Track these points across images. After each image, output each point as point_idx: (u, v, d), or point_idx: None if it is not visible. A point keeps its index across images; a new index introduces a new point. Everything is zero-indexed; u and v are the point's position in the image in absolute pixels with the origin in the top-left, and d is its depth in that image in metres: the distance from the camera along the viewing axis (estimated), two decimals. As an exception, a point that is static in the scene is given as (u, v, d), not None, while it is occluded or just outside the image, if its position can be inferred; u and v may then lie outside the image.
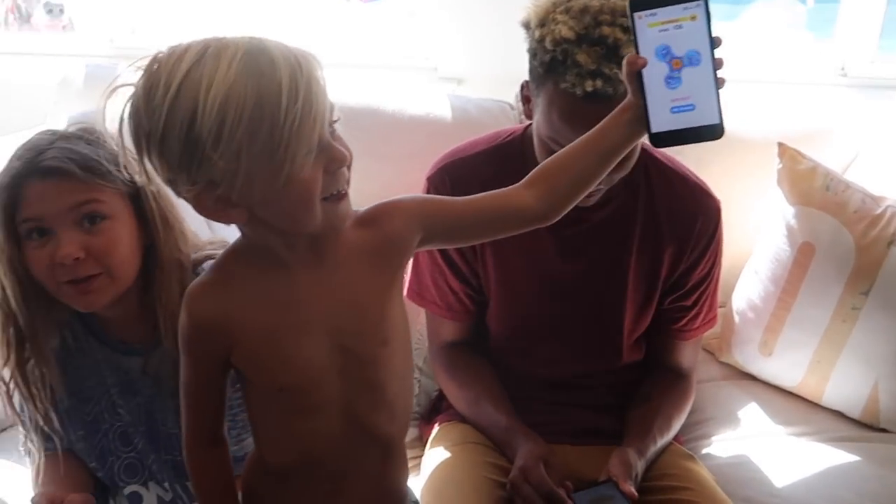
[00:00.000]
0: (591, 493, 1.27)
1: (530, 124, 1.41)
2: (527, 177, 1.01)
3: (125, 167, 0.93)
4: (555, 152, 1.04)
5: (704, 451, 1.54)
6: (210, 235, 1.32)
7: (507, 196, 1.00)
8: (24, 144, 1.15)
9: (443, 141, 1.67)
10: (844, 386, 1.63)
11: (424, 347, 1.69)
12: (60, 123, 1.59)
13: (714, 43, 0.94)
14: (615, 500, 1.25)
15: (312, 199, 0.87)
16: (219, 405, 1.01)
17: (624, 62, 0.96)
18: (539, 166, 1.02)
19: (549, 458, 1.31)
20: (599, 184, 1.24)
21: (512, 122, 1.79)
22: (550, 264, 1.41)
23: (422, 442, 1.62)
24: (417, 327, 1.68)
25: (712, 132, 0.96)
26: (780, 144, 1.68)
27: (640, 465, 1.32)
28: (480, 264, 1.44)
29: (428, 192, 1.43)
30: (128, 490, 1.30)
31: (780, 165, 1.68)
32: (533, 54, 1.27)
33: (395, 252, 0.99)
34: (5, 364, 1.20)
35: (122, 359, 1.26)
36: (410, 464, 1.42)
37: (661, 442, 1.41)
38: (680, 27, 0.94)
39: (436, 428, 1.54)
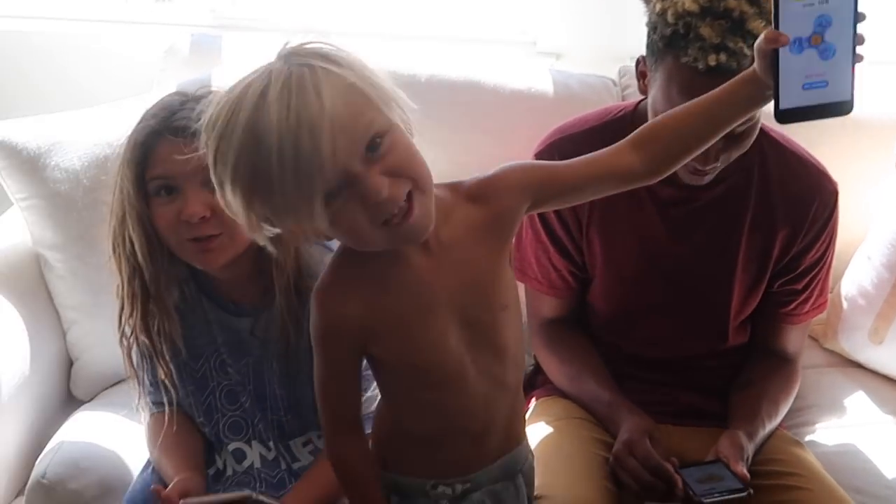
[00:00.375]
0: (699, 471, 1.25)
1: (641, 100, 1.39)
2: (632, 135, 1.00)
3: None
4: None
5: (808, 438, 1.51)
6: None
7: (612, 158, 1.00)
8: (157, 104, 1.20)
9: (544, 116, 1.66)
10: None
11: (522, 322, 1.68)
12: (167, 91, 1.63)
13: (858, 18, 0.91)
14: (725, 479, 1.23)
15: (360, 231, 0.87)
16: (356, 393, 1.02)
17: (761, 38, 0.92)
18: (646, 126, 1.00)
19: (654, 433, 1.30)
20: (715, 162, 1.24)
21: (615, 98, 1.76)
22: (659, 244, 1.39)
23: (516, 416, 1.63)
24: (515, 302, 1.68)
25: (840, 109, 0.92)
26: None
27: (749, 449, 1.30)
28: (585, 242, 1.43)
29: None
30: (232, 447, 1.34)
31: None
32: (653, 28, 1.25)
33: (506, 225, 0.99)
34: (130, 315, 1.24)
35: (233, 319, 1.29)
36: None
37: (769, 427, 1.38)
38: (826, 1, 0.90)
39: (533, 402, 1.54)
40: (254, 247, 1.20)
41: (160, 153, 1.16)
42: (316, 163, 0.81)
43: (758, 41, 0.92)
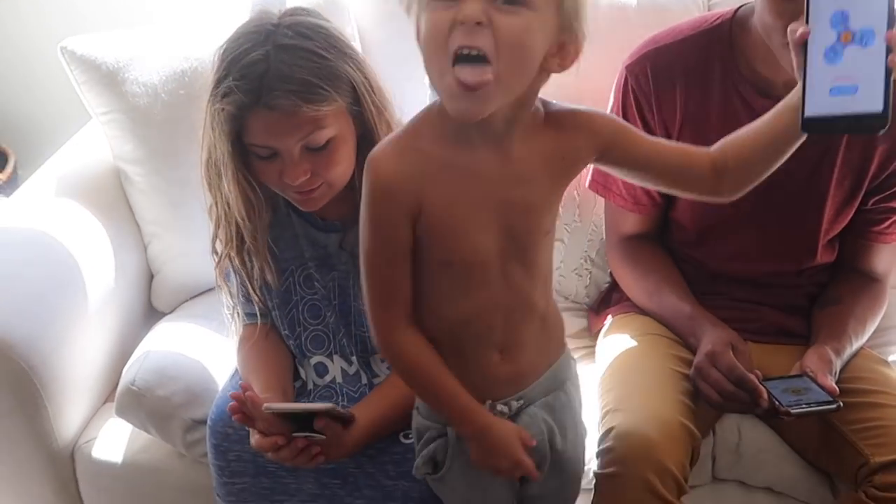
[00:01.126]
0: (785, 383, 1.24)
1: (741, 6, 1.33)
2: (716, 146, 1.00)
3: None
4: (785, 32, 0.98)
5: (892, 357, 1.47)
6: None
7: (693, 158, 1.00)
8: (236, 58, 1.12)
9: (626, 26, 1.62)
10: None
11: (598, 238, 1.67)
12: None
13: (892, 20, 0.84)
14: (812, 391, 1.22)
15: (432, 53, 0.86)
16: (406, 274, 0.98)
17: (787, 31, 0.87)
18: (727, 140, 1.00)
19: (738, 345, 1.29)
20: None
21: (701, 9, 1.69)
22: None
23: (590, 332, 1.63)
24: (593, 217, 1.66)
25: (872, 123, 0.85)
26: None
27: (837, 365, 1.28)
28: None
29: (625, 80, 1.39)
30: (314, 360, 1.36)
31: None
32: None
33: (570, 163, 1.00)
34: (225, 245, 1.26)
35: (321, 235, 1.29)
36: (578, 354, 1.47)
37: (856, 345, 1.36)
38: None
39: (609, 319, 1.53)
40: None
41: (256, 126, 1.13)
42: None
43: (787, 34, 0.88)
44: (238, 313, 1.34)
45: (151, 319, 1.67)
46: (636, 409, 1.24)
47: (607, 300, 1.60)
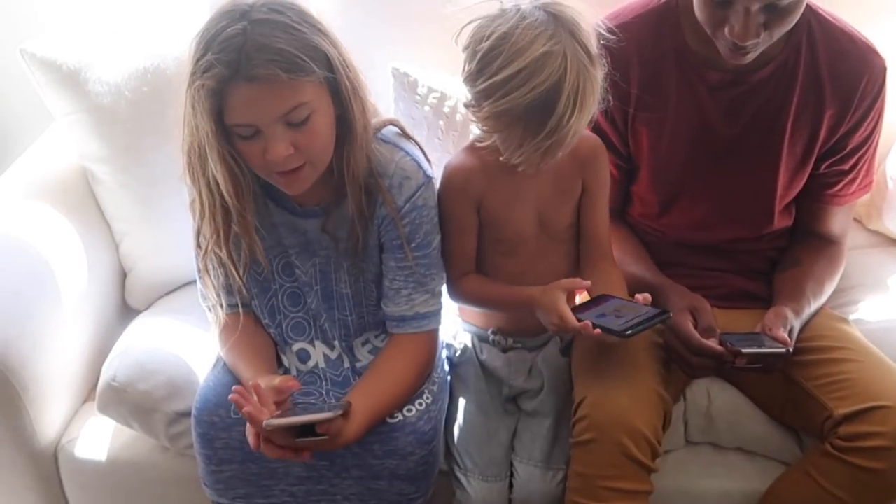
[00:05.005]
0: (742, 336, 1.29)
1: None
2: (616, 254, 1.41)
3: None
4: (716, 7, 1.21)
5: (853, 317, 1.52)
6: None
7: (587, 244, 1.39)
8: (214, 35, 1.12)
9: (587, 3, 1.64)
10: None
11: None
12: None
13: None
14: (765, 341, 1.27)
15: None
16: (473, 247, 1.36)
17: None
18: (618, 254, 1.41)
19: (699, 306, 1.34)
20: (756, 38, 1.23)
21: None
22: (708, 127, 1.39)
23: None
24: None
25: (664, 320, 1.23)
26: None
27: (795, 324, 1.33)
28: (631, 133, 1.44)
29: None
30: (296, 347, 1.38)
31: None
32: None
33: (573, 181, 1.35)
34: (210, 235, 1.25)
35: (300, 221, 1.31)
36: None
37: (814, 305, 1.41)
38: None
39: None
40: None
41: (236, 101, 1.13)
42: None
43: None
44: (222, 304, 1.33)
45: (127, 317, 1.68)
46: (608, 378, 1.28)
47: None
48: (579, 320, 1.21)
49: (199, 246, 1.29)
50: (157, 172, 1.61)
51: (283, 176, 1.20)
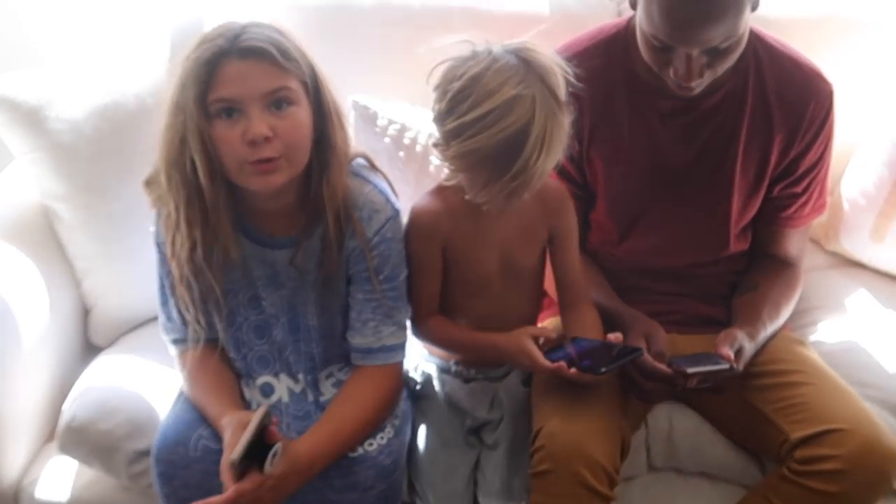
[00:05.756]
0: (691, 357, 1.30)
1: (633, 16, 1.38)
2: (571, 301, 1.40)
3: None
4: (658, 52, 1.21)
5: (812, 338, 1.54)
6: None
7: (568, 286, 1.40)
8: (217, 28, 1.19)
9: (541, 37, 1.65)
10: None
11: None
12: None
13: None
14: (711, 360, 1.28)
15: None
16: (436, 287, 1.36)
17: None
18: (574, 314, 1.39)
19: (652, 332, 1.35)
20: (700, 77, 1.26)
21: (611, 15, 1.75)
22: (661, 154, 1.41)
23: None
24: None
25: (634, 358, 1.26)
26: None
27: (749, 347, 1.34)
28: (586, 162, 1.45)
29: None
30: (260, 381, 1.38)
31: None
32: None
33: (539, 225, 1.36)
34: (184, 243, 1.24)
35: (268, 252, 1.31)
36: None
37: (771, 328, 1.41)
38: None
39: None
40: (301, 177, 1.24)
41: (226, 74, 1.16)
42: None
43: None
44: (186, 337, 1.33)
45: (90, 355, 1.66)
46: (565, 408, 1.28)
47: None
48: (552, 361, 1.23)
49: (168, 273, 1.28)
50: (118, 210, 1.61)
51: (256, 166, 1.19)
